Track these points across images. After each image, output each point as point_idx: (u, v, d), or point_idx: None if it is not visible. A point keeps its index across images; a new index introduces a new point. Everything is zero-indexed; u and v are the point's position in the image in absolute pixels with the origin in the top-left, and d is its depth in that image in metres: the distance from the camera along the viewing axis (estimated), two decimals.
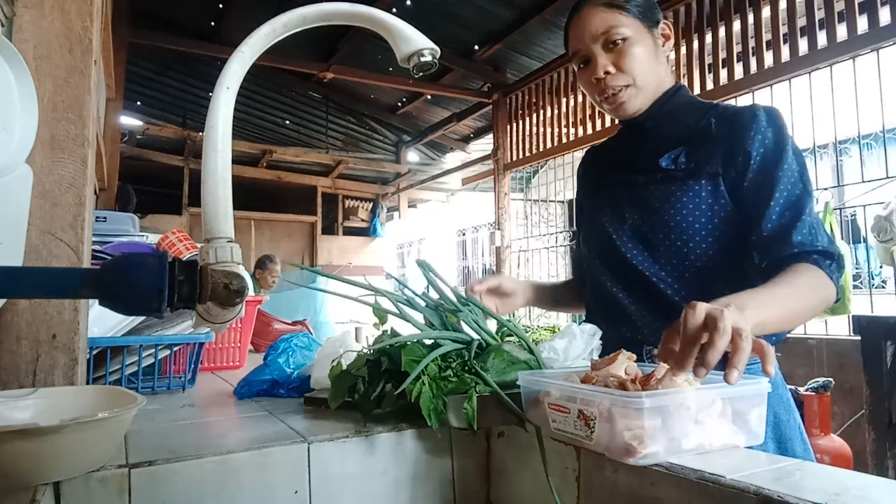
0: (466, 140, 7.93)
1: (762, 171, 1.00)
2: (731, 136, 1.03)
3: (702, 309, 0.70)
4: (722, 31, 3.84)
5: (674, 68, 3.99)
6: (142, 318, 1.36)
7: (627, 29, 1.06)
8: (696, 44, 3.96)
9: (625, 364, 0.79)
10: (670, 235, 1.04)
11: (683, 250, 1.04)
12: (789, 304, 0.87)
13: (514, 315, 2.19)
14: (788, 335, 1.07)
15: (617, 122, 1.20)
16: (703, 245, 1.03)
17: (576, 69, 1.15)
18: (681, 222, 1.03)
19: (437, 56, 0.92)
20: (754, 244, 1.01)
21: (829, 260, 0.94)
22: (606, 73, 1.07)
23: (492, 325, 1.07)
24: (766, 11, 3.59)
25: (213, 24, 5.87)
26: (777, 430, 1.00)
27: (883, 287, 5.94)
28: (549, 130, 5.41)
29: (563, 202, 7.08)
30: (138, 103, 6.81)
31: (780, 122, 1.03)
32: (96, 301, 0.73)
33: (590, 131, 4.90)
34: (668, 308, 1.03)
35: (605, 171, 1.22)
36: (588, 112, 4.93)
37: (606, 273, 1.13)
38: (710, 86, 3.88)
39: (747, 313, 0.77)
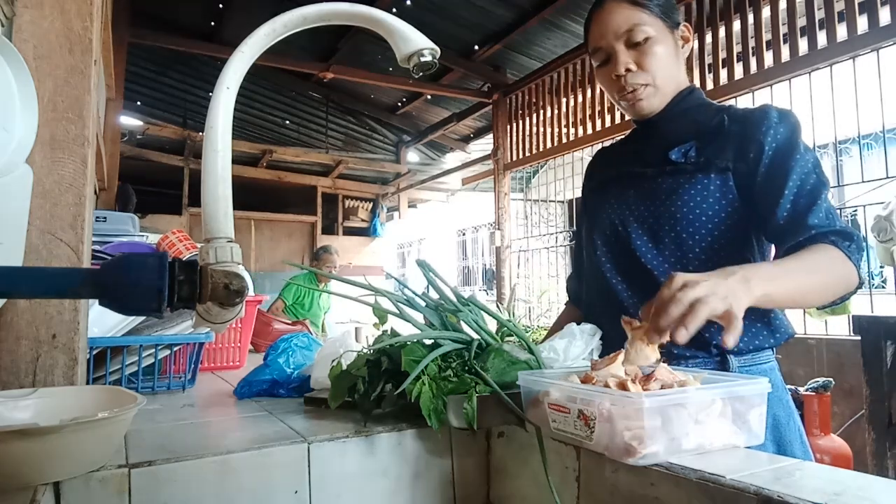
0: (466, 140, 7.93)
1: (775, 163, 1.00)
2: (743, 132, 1.03)
3: (679, 280, 0.76)
4: (722, 31, 3.83)
5: None
6: (142, 318, 1.36)
7: (651, 28, 1.06)
8: (696, 44, 3.96)
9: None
10: (676, 227, 1.04)
11: (689, 243, 1.03)
12: (801, 279, 0.87)
13: (514, 315, 2.19)
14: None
15: (630, 120, 1.19)
16: (709, 239, 1.03)
17: (595, 65, 1.14)
18: (687, 214, 1.03)
19: (437, 56, 0.92)
20: (770, 233, 1.01)
21: (847, 241, 0.92)
22: (627, 70, 1.07)
23: (492, 325, 1.07)
24: (766, 11, 3.59)
25: (213, 24, 5.87)
26: (776, 432, 0.99)
27: (883, 287, 5.95)
28: (549, 130, 5.41)
29: (563, 202, 7.09)
30: (138, 103, 6.81)
31: (792, 120, 1.03)
32: (96, 301, 0.73)
33: (590, 131, 4.89)
34: None
35: (612, 167, 1.21)
36: (588, 112, 4.93)
37: (608, 265, 1.13)
38: (710, 86, 3.87)
39: (753, 283, 0.78)
